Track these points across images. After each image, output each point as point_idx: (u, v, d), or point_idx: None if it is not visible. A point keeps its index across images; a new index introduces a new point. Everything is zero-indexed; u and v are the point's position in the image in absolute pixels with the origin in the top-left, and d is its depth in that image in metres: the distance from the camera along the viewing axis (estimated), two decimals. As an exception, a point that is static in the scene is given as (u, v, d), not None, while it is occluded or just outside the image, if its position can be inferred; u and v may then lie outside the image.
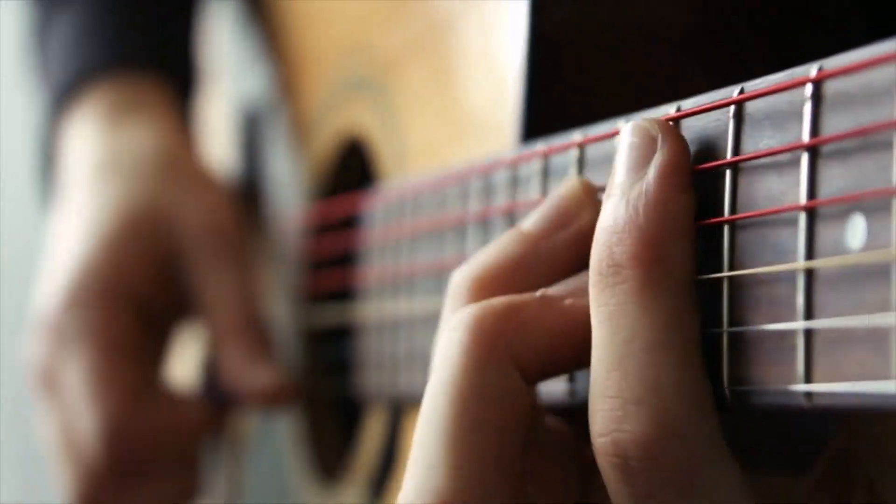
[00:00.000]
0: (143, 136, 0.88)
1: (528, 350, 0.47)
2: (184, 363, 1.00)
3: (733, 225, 0.43)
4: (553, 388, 0.51)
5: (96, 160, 0.88)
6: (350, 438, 0.87)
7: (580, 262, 0.48)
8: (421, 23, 0.73)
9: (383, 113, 0.77)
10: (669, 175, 0.44)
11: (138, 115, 0.90)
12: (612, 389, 0.43)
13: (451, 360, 0.46)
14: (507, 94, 0.64)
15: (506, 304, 0.47)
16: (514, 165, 0.58)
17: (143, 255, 0.84)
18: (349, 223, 0.80)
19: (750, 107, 0.43)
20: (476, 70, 0.67)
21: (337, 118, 0.84)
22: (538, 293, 0.48)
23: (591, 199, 0.49)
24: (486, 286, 0.49)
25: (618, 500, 0.45)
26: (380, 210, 0.73)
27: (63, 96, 0.92)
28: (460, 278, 0.49)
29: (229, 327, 0.83)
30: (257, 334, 0.83)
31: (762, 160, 0.43)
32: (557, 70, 0.62)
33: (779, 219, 0.42)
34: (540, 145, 0.56)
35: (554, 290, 0.48)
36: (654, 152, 0.45)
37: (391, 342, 0.70)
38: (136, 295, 0.83)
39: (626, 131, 0.46)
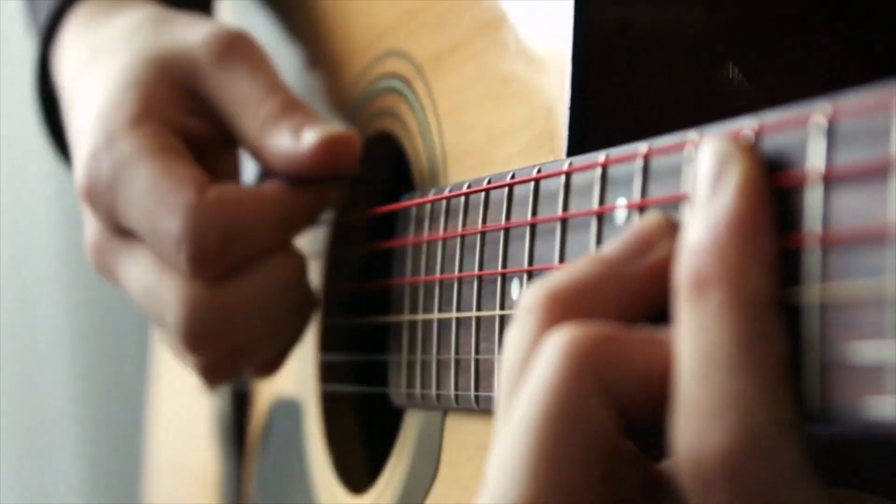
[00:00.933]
0: (126, 16, 0.84)
1: (620, 383, 0.46)
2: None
3: (824, 244, 0.42)
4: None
5: (86, 59, 0.83)
6: (375, 440, 0.86)
7: (658, 292, 0.47)
8: (464, 21, 0.72)
9: (421, 112, 0.76)
10: (749, 194, 0.44)
11: (122, 9, 0.86)
12: (694, 404, 0.43)
13: (544, 383, 0.46)
14: (551, 98, 0.63)
15: (605, 332, 0.46)
16: (570, 174, 0.56)
17: (161, 86, 0.78)
18: (386, 226, 0.79)
19: (835, 122, 0.42)
20: (520, 71, 0.66)
21: (371, 116, 0.83)
22: (637, 329, 0.47)
23: (671, 230, 0.48)
24: (563, 305, 0.48)
25: None
26: (422, 213, 0.72)
27: (50, 28, 0.89)
28: (536, 294, 0.48)
29: (265, 117, 0.76)
30: (296, 110, 0.76)
31: (847, 177, 0.42)
32: (606, 70, 0.61)
33: (868, 237, 0.41)
34: (600, 155, 0.55)
35: (649, 329, 0.47)
36: (734, 170, 0.44)
37: (432, 346, 0.69)
38: (167, 119, 0.77)
39: (706, 149, 0.45)
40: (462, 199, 0.67)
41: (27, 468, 1.93)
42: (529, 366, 0.47)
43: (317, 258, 0.88)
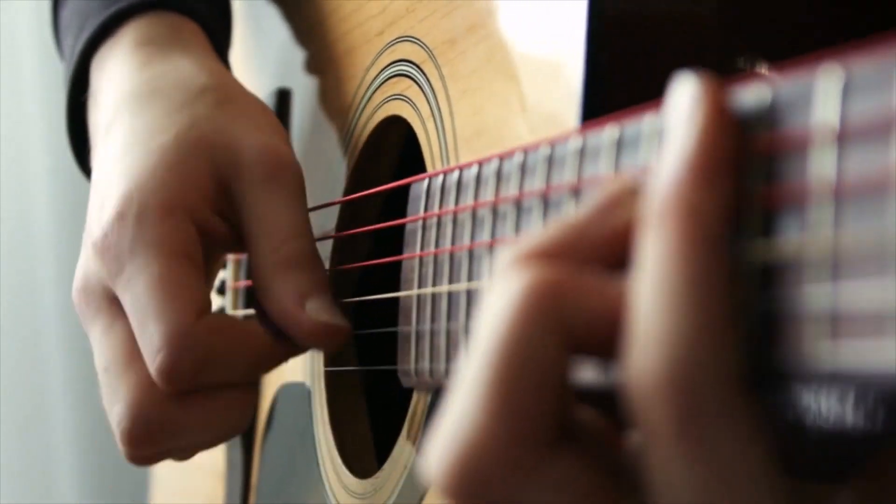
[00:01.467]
0: (186, 65, 0.85)
1: (575, 323, 0.47)
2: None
3: (838, 198, 0.43)
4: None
5: (138, 90, 0.83)
6: (382, 427, 0.87)
7: (626, 251, 0.49)
8: (475, 4, 0.73)
9: (432, 95, 0.77)
10: (714, 133, 0.45)
11: (178, 46, 0.86)
12: (641, 333, 0.45)
13: (501, 317, 0.47)
14: (563, 80, 0.64)
15: (562, 273, 0.48)
16: (582, 139, 0.57)
17: (202, 174, 0.79)
18: (396, 207, 0.79)
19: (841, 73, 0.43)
20: (532, 52, 0.67)
21: (382, 101, 0.84)
22: (596, 273, 0.48)
23: (640, 193, 0.50)
24: (533, 264, 0.49)
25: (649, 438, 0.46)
26: (433, 191, 0.72)
27: (93, 40, 0.89)
28: (507, 254, 0.50)
29: (284, 258, 0.78)
30: (312, 268, 0.78)
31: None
32: (620, 50, 0.62)
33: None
34: (613, 124, 0.55)
35: (607, 273, 0.48)
36: (702, 110, 0.46)
37: (446, 321, 0.69)
38: (196, 214, 0.78)
39: (680, 91, 0.47)
40: (474, 172, 0.67)
41: (27, 467, 1.93)
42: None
43: (324, 238, 0.89)
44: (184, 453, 0.83)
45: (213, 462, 1.08)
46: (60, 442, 1.95)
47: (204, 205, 0.79)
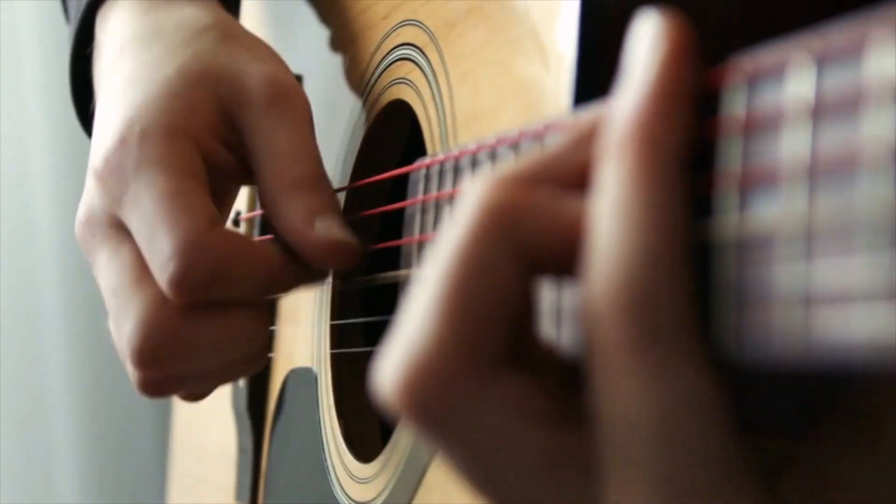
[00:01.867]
0: (189, 8, 0.84)
1: (534, 243, 0.48)
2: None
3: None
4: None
5: (140, 32, 0.82)
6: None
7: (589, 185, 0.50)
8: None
9: (433, 79, 0.77)
10: (673, 66, 0.47)
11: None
12: (595, 254, 0.46)
13: (460, 230, 0.48)
14: (560, 63, 0.63)
15: (527, 193, 0.48)
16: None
17: (206, 104, 0.78)
18: (400, 188, 0.80)
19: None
20: (528, 32, 0.67)
21: (387, 84, 0.84)
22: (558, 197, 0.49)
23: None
24: (495, 185, 0.49)
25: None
26: (431, 174, 0.72)
27: None
28: (475, 181, 0.50)
29: (292, 180, 0.77)
30: (321, 189, 0.77)
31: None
32: (613, 30, 0.62)
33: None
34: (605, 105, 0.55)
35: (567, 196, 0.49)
36: (663, 45, 0.47)
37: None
38: (201, 141, 0.77)
39: (642, 27, 0.48)
40: (469, 156, 0.67)
41: (27, 468, 1.94)
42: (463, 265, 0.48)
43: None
44: (196, 384, 0.81)
45: (225, 448, 1.09)
46: (61, 442, 1.95)
47: (209, 133, 0.78)
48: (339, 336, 0.89)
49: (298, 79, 1.00)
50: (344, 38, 0.92)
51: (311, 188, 0.77)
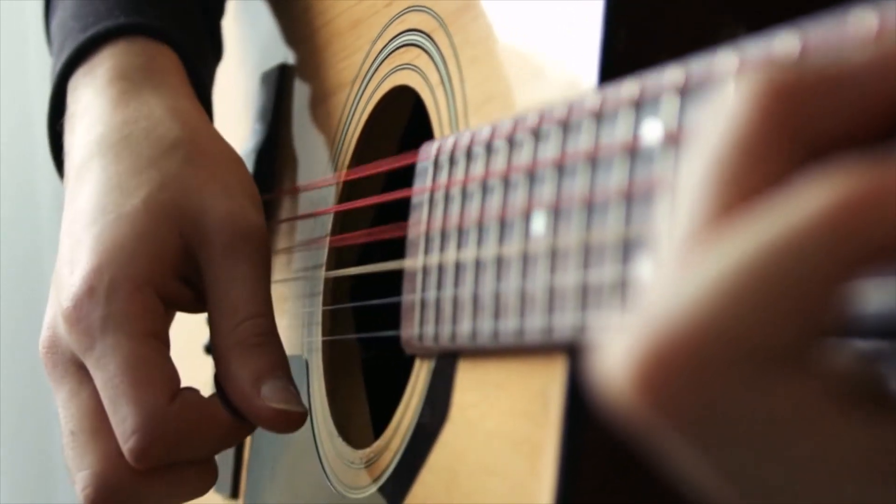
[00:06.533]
0: (158, 110, 0.85)
1: (823, 135, 0.40)
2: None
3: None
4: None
5: (109, 136, 0.84)
6: (380, 406, 0.86)
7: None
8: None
9: (442, 64, 0.76)
10: None
11: (151, 83, 0.87)
12: None
13: (727, 127, 0.40)
14: (579, 44, 0.63)
15: (820, 73, 0.40)
16: (602, 102, 0.57)
17: (169, 244, 0.80)
18: (400, 177, 0.79)
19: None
20: (544, 15, 0.67)
21: (389, 71, 0.83)
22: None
23: None
24: (792, 101, 0.41)
25: None
26: (442, 159, 0.72)
27: (69, 63, 0.89)
28: (761, 83, 0.41)
29: (240, 338, 0.80)
30: (269, 349, 0.80)
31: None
32: (640, 15, 0.62)
33: None
34: (631, 82, 0.55)
35: None
36: None
37: (454, 288, 0.69)
38: (163, 285, 0.80)
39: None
40: (485, 137, 0.67)
41: (29, 469, 1.92)
42: (744, 160, 0.40)
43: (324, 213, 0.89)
44: None
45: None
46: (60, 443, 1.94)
47: (171, 274, 0.81)
48: (332, 323, 0.89)
49: (288, 68, 1.00)
50: (341, 26, 0.92)
51: (259, 347, 0.80)
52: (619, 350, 0.39)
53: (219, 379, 0.81)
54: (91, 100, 0.87)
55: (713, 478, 0.40)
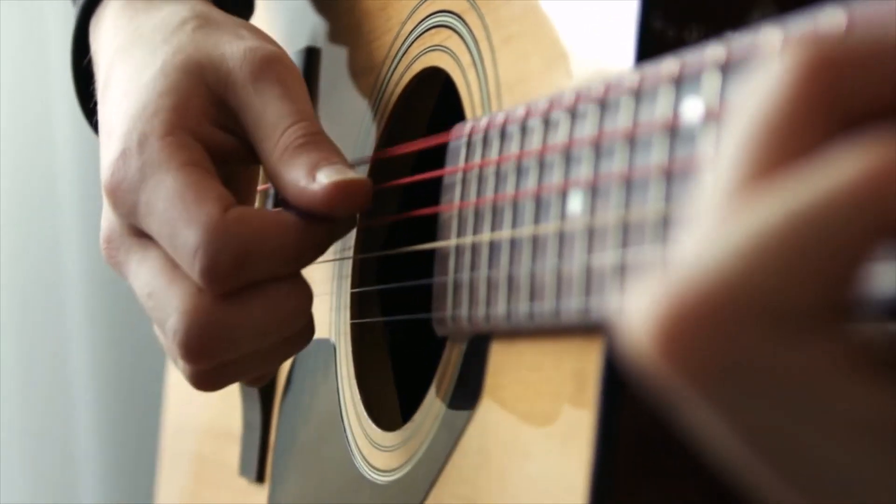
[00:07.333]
0: (168, 8, 0.85)
1: (860, 108, 0.41)
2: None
3: None
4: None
5: (124, 42, 0.84)
6: (408, 390, 0.86)
7: None
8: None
9: (474, 45, 0.76)
10: None
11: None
12: None
13: (774, 90, 0.41)
14: (615, 25, 0.63)
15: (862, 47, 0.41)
16: (641, 79, 0.57)
17: (194, 93, 0.79)
18: (429, 158, 0.79)
19: None
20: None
21: (420, 53, 0.83)
22: None
23: None
24: (833, 72, 0.41)
25: None
26: (475, 139, 0.72)
27: (88, 4, 0.90)
28: (806, 52, 0.41)
29: (285, 147, 0.77)
30: (317, 145, 0.77)
31: None
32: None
33: None
34: (671, 60, 0.55)
35: None
36: None
37: (482, 266, 0.69)
38: (198, 130, 0.78)
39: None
40: (519, 117, 0.67)
41: (49, 468, 1.92)
42: (784, 127, 0.41)
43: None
44: (249, 368, 0.81)
45: (225, 425, 1.08)
46: (82, 443, 1.94)
47: (205, 121, 0.79)
48: (359, 306, 0.89)
49: (316, 51, 1.00)
50: (370, 7, 0.92)
51: (306, 146, 0.77)
52: (643, 305, 0.40)
53: (278, 193, 0.78)
54: (108, 26, 0.88)
55: (734, 443, 0.41)
